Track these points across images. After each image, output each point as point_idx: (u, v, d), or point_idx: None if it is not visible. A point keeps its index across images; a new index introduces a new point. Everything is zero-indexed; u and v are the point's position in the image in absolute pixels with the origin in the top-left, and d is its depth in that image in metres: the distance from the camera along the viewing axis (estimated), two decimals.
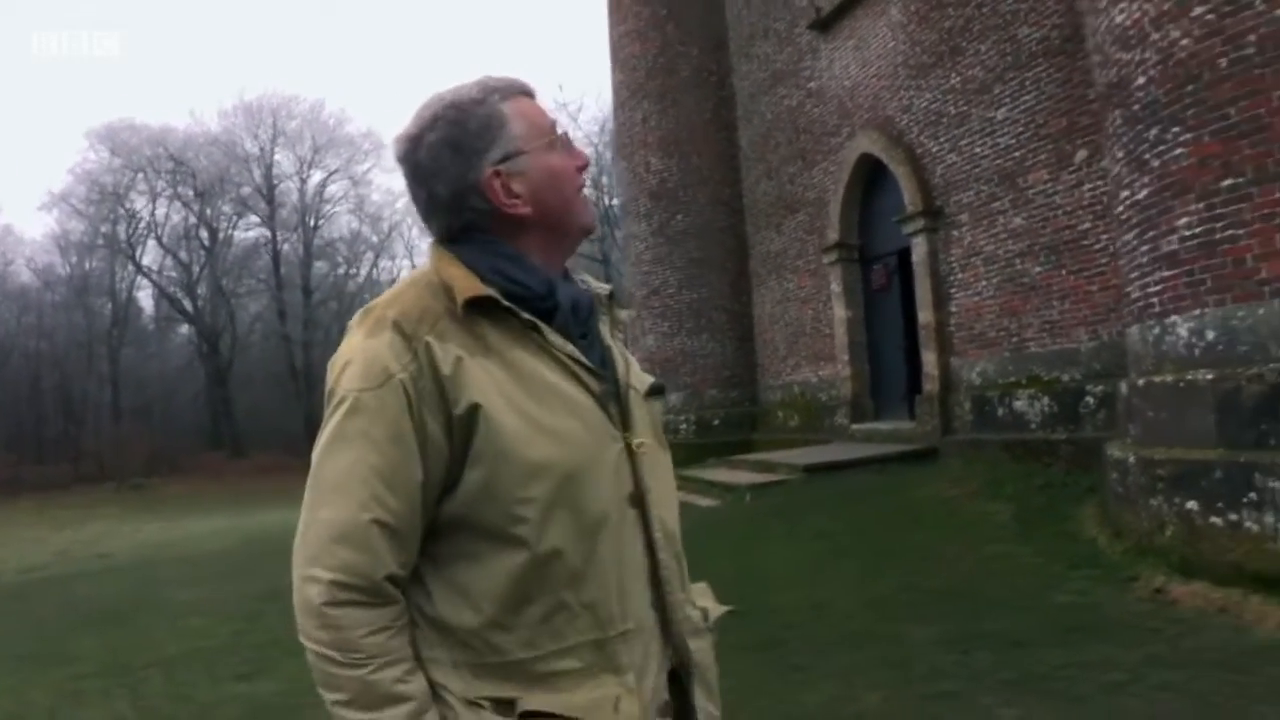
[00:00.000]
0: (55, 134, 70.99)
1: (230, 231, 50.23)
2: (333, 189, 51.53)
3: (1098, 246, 8.54)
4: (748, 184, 15.82)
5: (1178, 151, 5.72)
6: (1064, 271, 8.98)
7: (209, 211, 48.41)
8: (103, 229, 46.20)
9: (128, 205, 46.71)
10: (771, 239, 15.04)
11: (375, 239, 53.38)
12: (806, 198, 13.75)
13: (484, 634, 1.26)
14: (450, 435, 1.24)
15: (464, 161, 1.32)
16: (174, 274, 49.72)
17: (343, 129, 50.56)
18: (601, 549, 1.30)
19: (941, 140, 10.57)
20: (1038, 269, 9.27)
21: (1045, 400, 9.12)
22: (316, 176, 50.51)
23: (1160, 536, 5.79)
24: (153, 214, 47.67)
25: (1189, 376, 5.71)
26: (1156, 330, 6.12)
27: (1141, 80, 5.96)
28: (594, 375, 1.33)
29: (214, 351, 48.56)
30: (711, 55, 16.13)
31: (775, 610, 5.91)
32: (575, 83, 49.81)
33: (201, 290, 49.48)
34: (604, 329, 1.45)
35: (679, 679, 1.42)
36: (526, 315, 1.29)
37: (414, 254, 56.52)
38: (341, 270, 53.30)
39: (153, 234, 48.01)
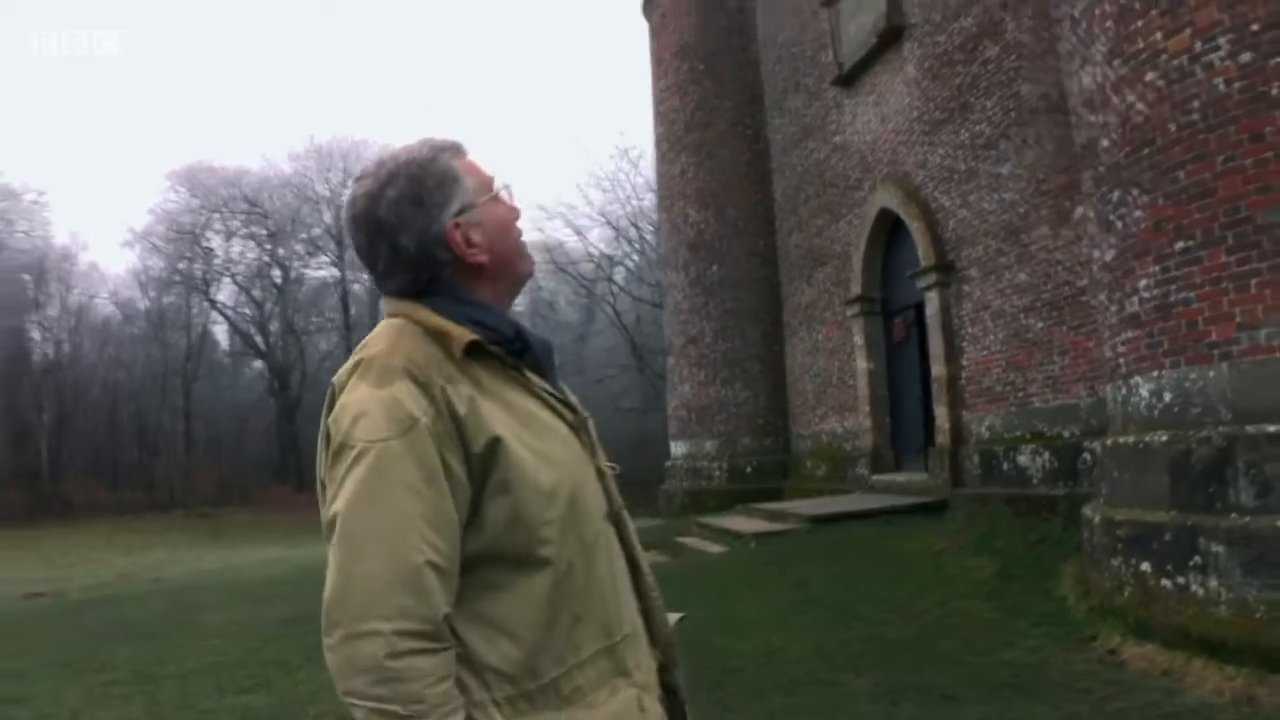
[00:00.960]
0: (137, 174, 74.09)
1: (301, 270, 51.80)
2: None
3: (1095, 303, 8.54)
4: (781, 235, 16.02)
5: (1137, 214, 5.80)
6: (1064, 327, 8.98)
7: (281, 251, 50.03)
8: (180, 266, 48.08)
9: (204, 243, 48.59)
10: (803, 290, 15.18)
11: None
12: (833, 250, 13.89)
13: (526, 661, 1.32)
14: (470, 472, 1.30)
15: (426, 215, 1.39)
16: (247, 311, 51.36)
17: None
18: (598, 563, 1.41)
19: (953, 195, 10.66)
20: (1040, 324, 9.28)
21: (1046, 455, 9.09)
22: None
23: (1119, 597, 5.78)
24: (228, 252, 49.45)
25: (1147, 438, 5.74)
26: (1124, 391, 6.15)
27: (1105, 143, 6.06)
28: (568, 407, 1.47)
29: (284, 387, 49.83)
30: (747, 109, 16.44)
31: (728, 654, 6.03)
32: (636, 132, 50.67)
33: (273, 327, 51.01)
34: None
35: (663, 674, 1.55)
36: (510, 358, 1.41)
37: None
38: None
39: (228, 272, 49.72)
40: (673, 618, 1.63)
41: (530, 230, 53.30)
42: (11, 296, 44.32)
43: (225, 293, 50.80)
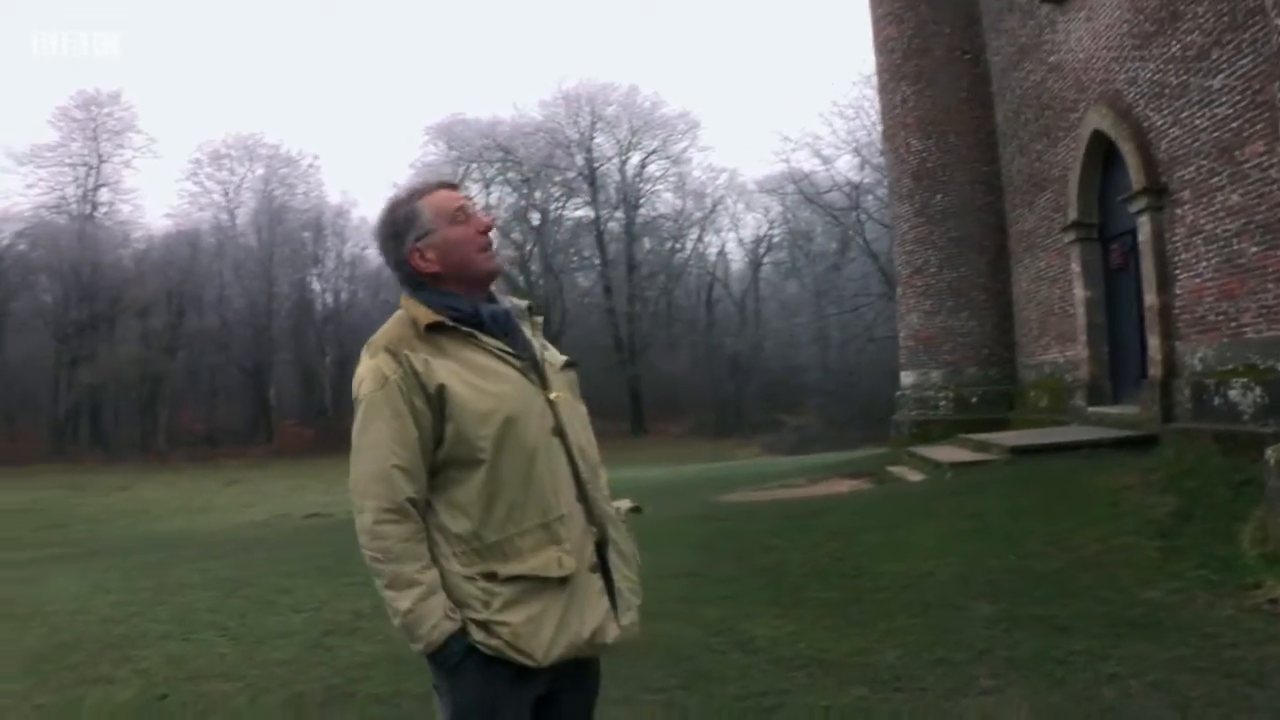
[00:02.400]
0: (397, 132, 79.82)
1: (558, 212, 54.32)
2: (652, 169, 54.12)
3: None
4: (1004, 161, 15.53)
5: None
6: (1279, 252, 8.46)
7: (537, 194, 52.68)
8: None
9: (464, 192, 51.85)
10: (1025, 217, 14.74)
11: (699, 214, 55.30)
12: (1052, 175, 13.41)
13: (475, 530, 2.03)
14: (430, 406, 2.02)
15: (399, 245, 2.17)
16: (508, 253, 54.50)
17: (658, 111, 52.70)
18: (538, 464, 2.07)
19: (1164, 113, 10.11)
20: (1253, 249, 8.77)
21: (1258, 390, 8.67)
22: (635, 158, 53.30)
23: None
24: (487, 199, 52.61)
25: None
26: None
27: None
28: (515, 356, 2.12)
29: (545, 324, 52.73)
30: (964, 33, 15.92)
31: (878, 576, 6.50)
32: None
33: (534, 267, 53.94)
34: (526, 329, 2.24)
35: (602, 549, 2.17)
36: (465, 328, 2.10)
37: (739, 226, 58.16)
38: (666, 246, 55.81)
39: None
40: (622, 505, 2.30)
41: (775, 162, 53.11)
42: (295, 253, 49.56)
43: None
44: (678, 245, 55.46)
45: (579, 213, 54.25)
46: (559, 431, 2.14)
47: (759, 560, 7.38)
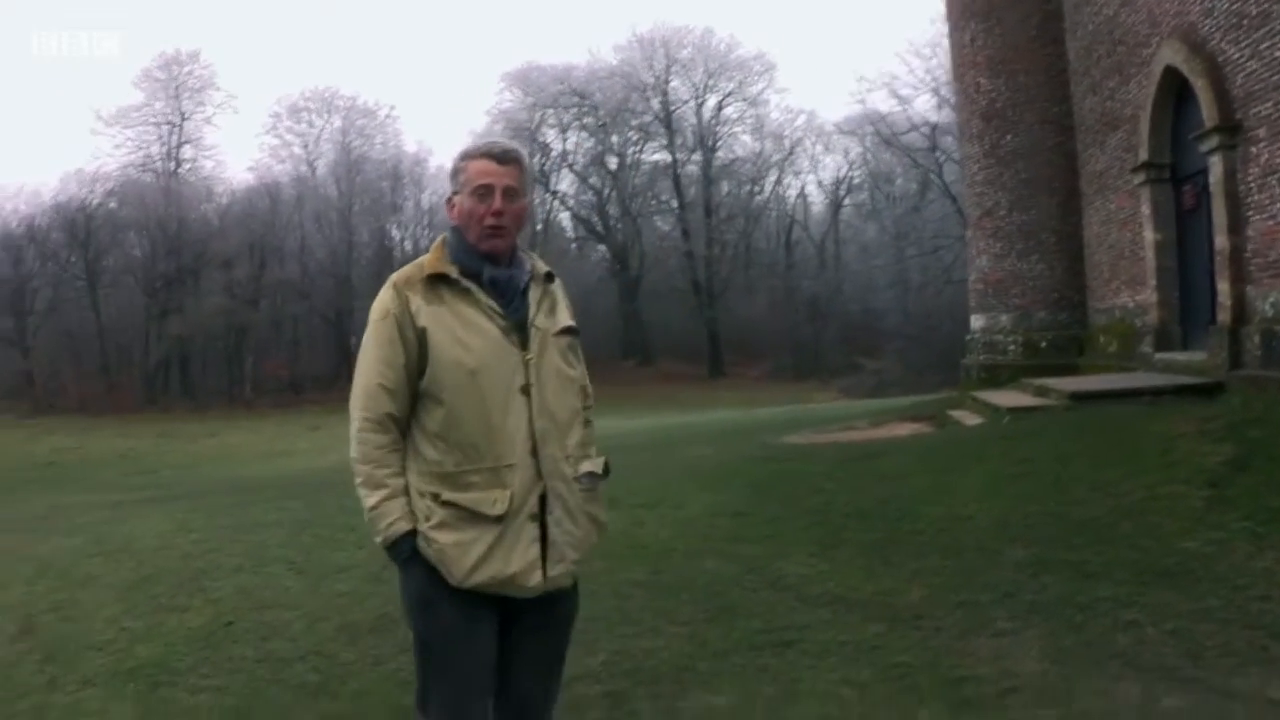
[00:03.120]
0: (472, 81, 79.93)
1: (636, 156, 54.24)
2: (729, 111, 53.66)
3: None
4: (1075, 100, 15.09)
5: None
6: None
7: (614, 139, 52.65)
8: None
9: (540, 138, 52.12)
10: (1096, 157, 14.37)
11: (777, 156, 54.74)
12: (1124, 114, 13.03)
13: (439, 457, 2.34)
14: (417, 341, 2.33)
15: (450, 186, 2.52)
16: (585, 198, 54.72)
17: (733, 54, 52.20)
18: (494, 415, 2.33)
19: (1242, 45, 9.74)
20: None
21: None
22: (712, 100, 52.93)
23: None
24: (563, 145, 52.81)
25: None
26: None
27: None
28: (501, 316, 2.38)
29: (624, 268, 53.02)
30: None
31: (918, 518, 6.62)
32: None
33: (612, 212, 54.07)
34: (535, 293, 2.47)
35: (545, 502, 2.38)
36: (465, 283, 2.38)
37: (818, 168, 57.45)
38: (745, 189, 55.44)
39: (565, 163, 53.08)
40: (587, 468, 2.50)
41: (851, 103, 52.14)
42: (374, 203, 50.38)
43: (565, 183, 54.46)
44: (756, 188, 55.17)
45: (656, 157, 54.27)
46: (526, 390, 2.37)
47: (807, 501, 7.52)
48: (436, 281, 2.38)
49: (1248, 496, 6.32)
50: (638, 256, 53.42)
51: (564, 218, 57.08)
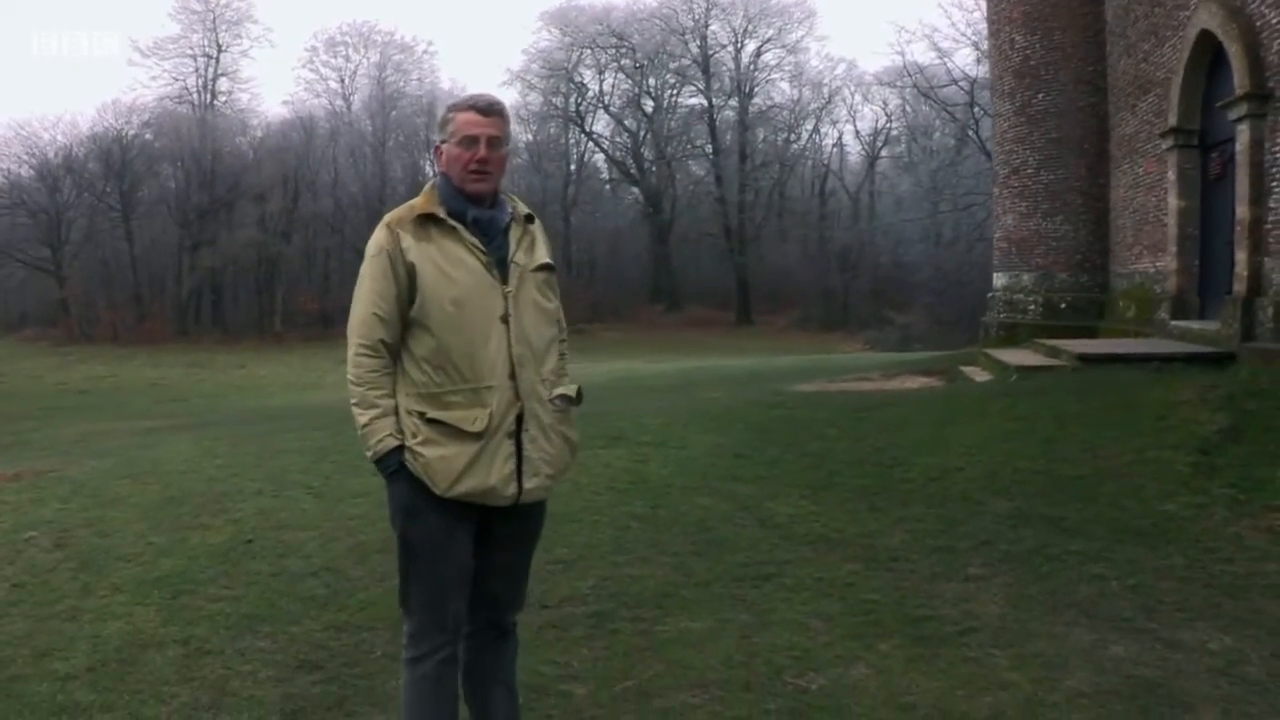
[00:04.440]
0: (510, 19, 79.04)
1: (673, 99, 53.86)
2: (767, 57, 53.09)
3: None
4: (1110, 61, 14.93)
5: None
6: None
7: (651, 81, 52.30)
8: (555, 101, 51.83)
9: (577, 79, 51.92)
10: (1127, 120, 14.27)
11: (815, 105, 54.18)
12: (1157, 77, 12.92)
13: (424, 379, 2.58)
14: (407, 275, 2.57)
15: (438, 135, 2.75)
16: (620, 140, 54.50)
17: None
18: (476, 341, 2.56)
19: None
20: None
21: None
22: (750, 46, 52.35)
23: None
24: (600, 85, 52.52)
25: None
26: None
27: None
28: (483, 253, 2.61)
29: (657, 211, 52.94)
30: None
31: (910, 468, 6.88)
32: None
33: (647, 154, 53.84)
34: (516, 233, 2.70)
35: (522, 420, 2.61)
36: (451, 222, 2.61)
37: (856, 118, 56.81)
38: (781, 136, 54.99)
39: (601, 104, 52.81)
40: (559, 391, 2.72)
41: (891, 54, 51.47)
42: (408, 139, 50.45)
43: (600, 124, 54.22)
44: (792, 136, 54.64)
45: (692, 101, 53.91)
46: (505, 319, 2.61)
47: (807, 446, 7.77)
48: (426, 221, 2.62)
49: (1235, 465, 6.48)
50: (670, 201, 53.29)
51: (599, 159, 56.97)
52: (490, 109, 2.67)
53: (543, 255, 2.75)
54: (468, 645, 2.78)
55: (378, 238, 2.65)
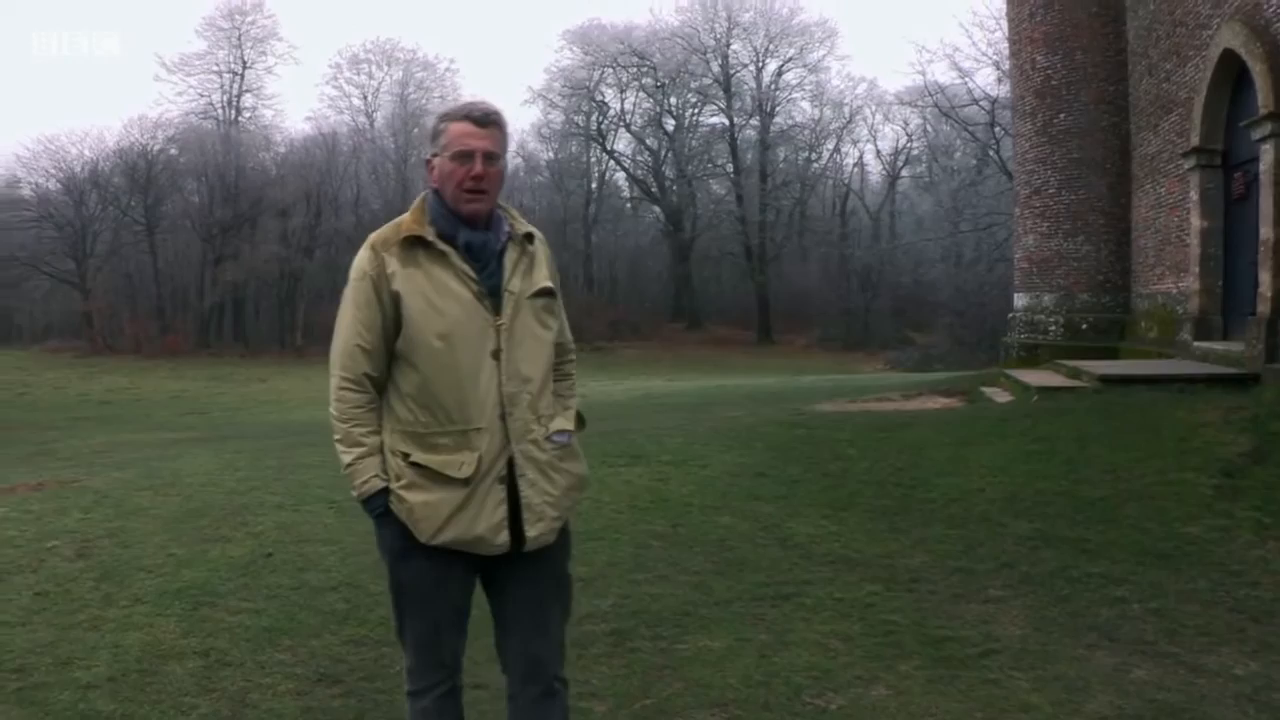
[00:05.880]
0: (532, 38, 79.57)
1: (694, 118, 54.04)
2: (788, 77, 53.25)
3: None
4: (1132, 81, 14.90)
5: None
6: None
7: (672, 100, 52.51)
8: (577, 119, 52.09)
9: (598, 97, 52.19)
10: (1149, 140, 14.22)
11: (836, 124, 54.26)
12: (1179, 97, 12.87)
13: (410, 417, 2.41)
14: (393, 304, 2.38)
15: (429, 147, 2.51)
16: (642, 159, 54.68)
17: (795, 19, 51.71)
18: (466, 380, 2.38)
19: None
20: None
21: None
22: (772, 65, 52.53)
23: None
24: (621, 104, 52.76)
25: None
26: None
27: None
28: (475, 282, 2.40)
29: (677, 230, 53.05)
30: None
31: (931, 488, 6.83)
32: None
33: (668, 173, 54.01)
34: (512, 255, 2.47)
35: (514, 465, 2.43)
36: (441, 246, 2.40)
37: (877, 138, 56.86)
38: (802, 155, 55.05)
39: (622, 123, 53.04)
40: (556, 426, 2.53)
41: (912, 74, 51.61)
42: None
43: (621, 143, 54.47)
44: (813, 155, 54.75)
45: (713, 119, 54.12)
46: (496, 355, 2.42)
47: (827, 466, 7.74)
48: (413, 244, 2.41)
49: (1260, 488, 6.42)
50: (691, 219, 53.41)
51: (620, 177, 57.20)
52: (486, 119, 2.44)
53: (542, 278, 2.53)
54: (510, 708, 2.59)
55: (360, 261, 2.44)
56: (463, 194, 2.43)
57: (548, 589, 2.58)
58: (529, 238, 2.55)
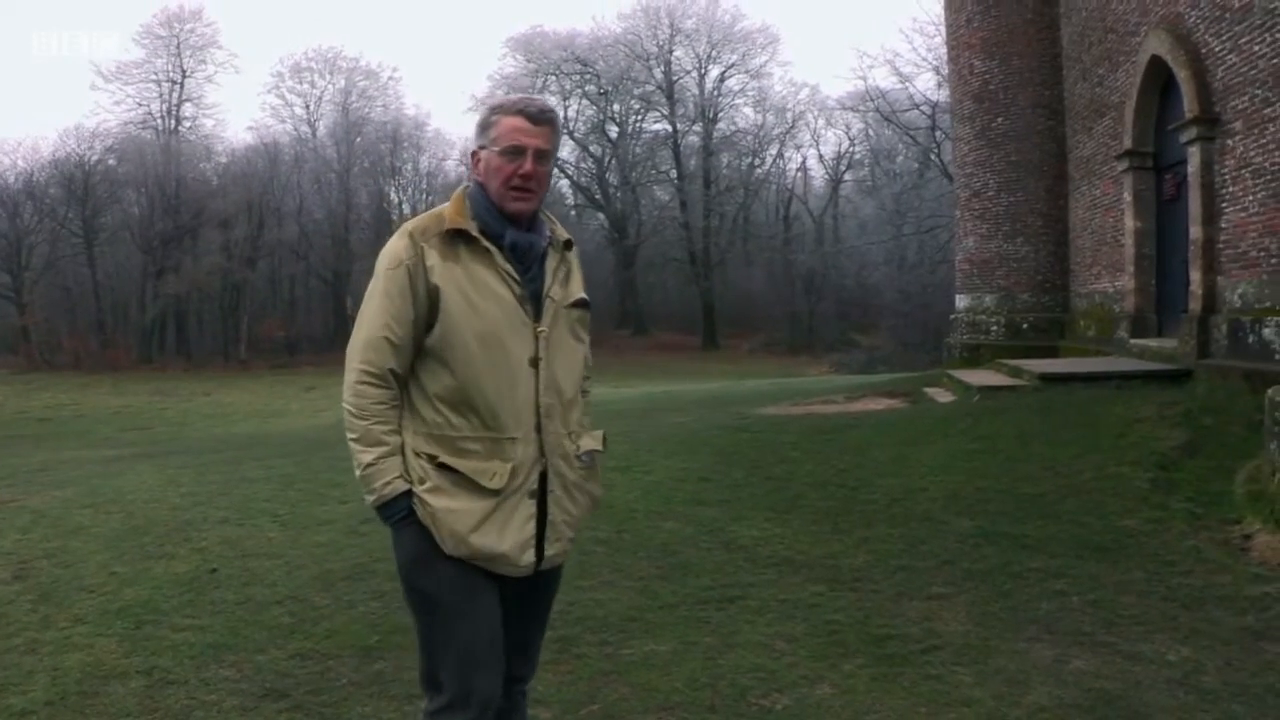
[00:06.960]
0: (475, 46, 79.34)
1: (636, 126, 54.23)
2: (731, 83, 53.64)
3: None
4: (1067, 85, 15.27)
5: None
6: None
7: (615, 107, 52.65)
8: None
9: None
10: (1084, 143, 14.57)
11: (778, 130, 54.74)
12: (1112, 101, 13.20)
13: (438, 420, 2.25)
14: (428, 297, 2.22)
15: (477, 138, 2.36)
16: (585, 166, 54.74)
17: (737, 25, 52.14)
18: (503, 386, 2.24)
19: (1224, 38, 9.90)
20: None
21: None
22: (714, 72, 52.89)
23: (1271, 484, 5.77)
24: (565, 112, 52.67)
25: None
26: None
27: None
28: (518, 284, 2.27)
29: (622, 237, 53.15)
30: None
31: (874, 489, 6.92)
32: None
33: (612, 180, 54.12)
34: (553, 261, 2.37)
35: (546, 480, 2.32)
36: (485, 243, 2.26)
37: (819, 143, 57.40)
38: (745, 161, 55.46)
39: (565, 129, 53.00)
40: (587, 446, 2.45)
41: (853, 79, 52.32)
42: (373, 165, 50.44)
43: (565, 150, 54.33)
44: (756, 161, 55.24)
45: (656, 126, 54.37)
46: (535, 362, 2.30)
47: (771, 470, 7.81)
48: (455, 237, 2.27)
49: (1193, 480, 6.64)
50: (635, 226, 53.57)
51: (563, 185, 57.14)
52: (541, 116, 2.32)
53: (578, 289, 2.44)
54: None
55: (395, 249, 2.27)
56: (509, 191, 2.31)
57: (540, 610, 2.52)
58: (568, 245, 2.45)
